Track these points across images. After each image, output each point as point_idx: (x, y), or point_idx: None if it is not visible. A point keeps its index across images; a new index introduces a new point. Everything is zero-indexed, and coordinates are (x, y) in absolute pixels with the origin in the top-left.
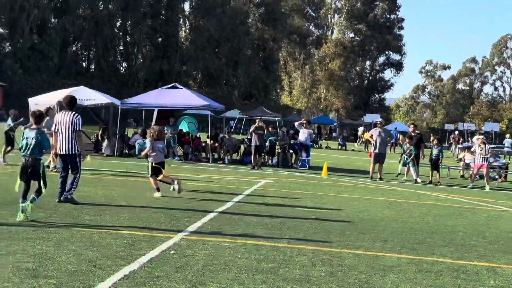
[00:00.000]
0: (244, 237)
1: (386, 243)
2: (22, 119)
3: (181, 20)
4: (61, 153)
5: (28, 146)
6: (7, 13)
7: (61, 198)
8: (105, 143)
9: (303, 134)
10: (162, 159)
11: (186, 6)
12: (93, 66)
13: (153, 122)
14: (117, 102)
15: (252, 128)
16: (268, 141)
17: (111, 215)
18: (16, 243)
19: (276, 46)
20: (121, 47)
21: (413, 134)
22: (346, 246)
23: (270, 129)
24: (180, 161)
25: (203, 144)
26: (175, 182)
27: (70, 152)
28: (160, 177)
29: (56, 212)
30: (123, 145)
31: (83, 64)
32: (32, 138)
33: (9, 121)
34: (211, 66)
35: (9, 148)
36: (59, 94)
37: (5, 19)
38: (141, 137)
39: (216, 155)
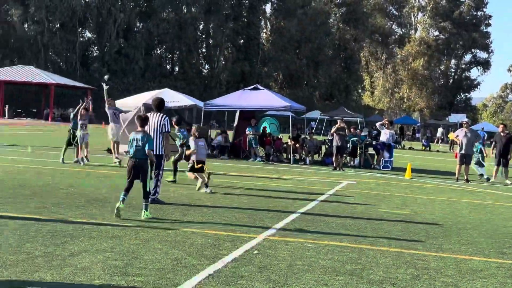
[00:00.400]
0: (326, 238)
1: (473, 246)
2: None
3: (262, 21)
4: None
5: (137, 147)
6: (94, 19)
7: (152, 201)
8: None
9: (385, 135)
10: (203, 157)
11: (267, 8)
12: (176, 69)
13: (235, 123)
14: (200, 103)
15: (333, 129)
16: (349, 142)
17: (195, 215)
18: (105, 241)
19: (357, 46)
20: (203, 50)
21: (502, 134)
22: (431, 249)
23: (351, 129)
24: (262, 162)
25: (285, 145)
26: (208, 189)
27: (158, 153)
28: (201, 174)
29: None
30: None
31: (167, 66)
32: (140, 141)
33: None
34: (292, 67)
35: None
36: (145, 97)
37: (93, 24)
38: (175, 126)
39: (297, 156)
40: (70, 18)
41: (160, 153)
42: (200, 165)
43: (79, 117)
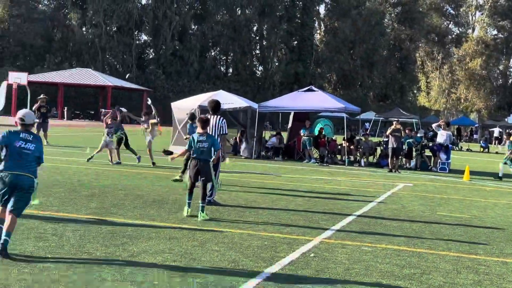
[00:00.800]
0: (384, 241)
1: None
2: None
3: (316, 22)
4: None
5: (201, 149)
6: (150, 21)
7: (209, 203)
8: (243, 146)
9: (442, 136)
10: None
11: (321, 9)
12: (230, 70)
13: (289, 125)
14: (254, 105)
15: (389, 130)
16: (405, 144)
17: (251, 217)
18: (163, 242)
19: (413, 46)
20: (257, 51)
21: None
22: (492, 254)
23: (407, 131)
24: (316, 164)
25: (339, 147)
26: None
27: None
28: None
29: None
30: (260, 148)
31: (221, 68)
32: (204, 142)
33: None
34: (346, 68)
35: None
36: (200, 99)
37: (149, 27)
38: (190, 121)
39: (352, 158)
40: (127, 21)
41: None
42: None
43: (107, 123)
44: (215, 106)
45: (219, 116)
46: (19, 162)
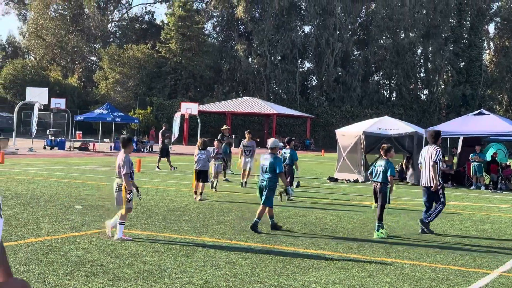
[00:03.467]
0: None
1: None
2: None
3: (485, 42)
4: (425, 185)
5: (378, 173)
6: (313, 49)
7: (421, 221)
8: (409, 172)
9: None
10: (202, 167)
11: (491, 28)
12: (394, 95)
13: (459, 150)
14: (420, 130)
15: None
16: None
17: (422, 247)
18: (333, 272)
19: None
20: (422, 74)
21: None
22: None
23: None
24: (489, 191)
25: None
26: (199, 196)
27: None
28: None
29: (368, 243)
30: None
31: (384, 93)
32: (382, 166)
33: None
34: None
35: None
36: (365, 125)
37: (312, 54)
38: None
39: None
40: (291, 50)
41: (430, 185)
42: (198, 174)
43: (219, 149)
44: (435, 135)
45: (435, 146)
46: None
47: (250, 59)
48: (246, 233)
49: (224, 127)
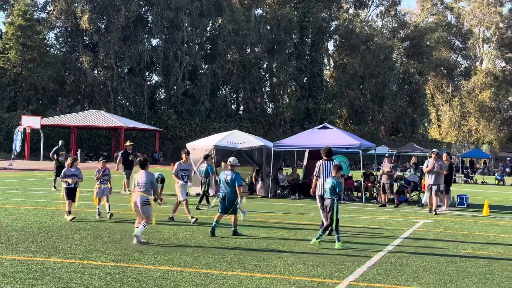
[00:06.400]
0: (412, 283)
1: None
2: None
3: (326, 59)
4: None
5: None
6: (161, 62)
7: None
8: (259, 185)
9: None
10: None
11: (330, 45)
12: (241, 108)
13: (305, 163)
14: (269, 144)
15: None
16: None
17: (275, 260)
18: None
19: (422, 79)
20: (267, 88)
21: None
22: None
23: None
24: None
25: (355, 184)
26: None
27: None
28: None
29: (223, 257)
30: (276, 186)
31: (232, 106)
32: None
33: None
34: (356, 103)
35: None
36: (215, 139)
37: (160, 67)
38: (205, 161)
39: (367, 194)
40: (138, 63)
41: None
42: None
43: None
44: (328, 152)
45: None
46: None
47: (96, 71)
48: (99, 252)
49: (128, 143)
